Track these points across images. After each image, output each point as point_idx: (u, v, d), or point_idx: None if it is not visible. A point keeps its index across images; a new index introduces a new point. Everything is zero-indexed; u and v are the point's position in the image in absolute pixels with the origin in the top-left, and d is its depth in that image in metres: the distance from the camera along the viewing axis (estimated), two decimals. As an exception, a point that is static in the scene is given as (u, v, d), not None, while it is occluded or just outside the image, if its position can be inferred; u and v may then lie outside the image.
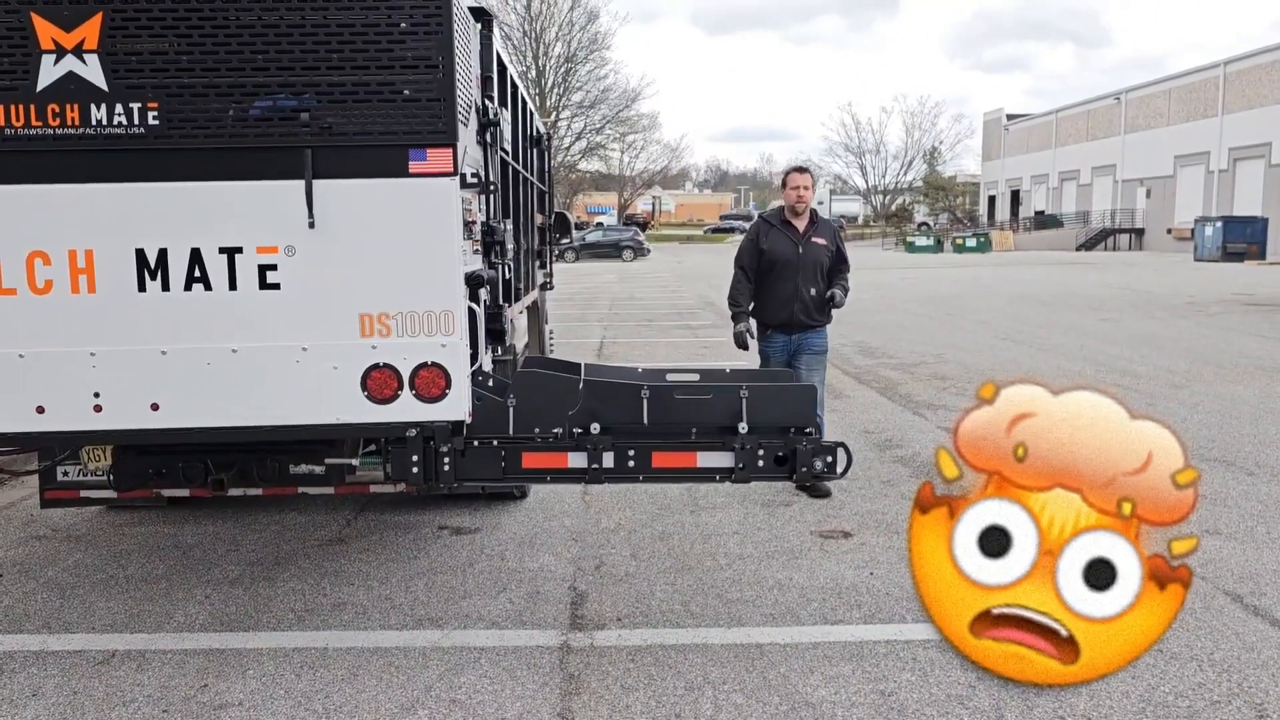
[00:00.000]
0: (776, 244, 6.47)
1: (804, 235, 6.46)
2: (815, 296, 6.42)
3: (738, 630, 4.41)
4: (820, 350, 6.57)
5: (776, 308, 6.46)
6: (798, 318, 6.41)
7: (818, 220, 6.58)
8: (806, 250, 6.42)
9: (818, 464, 3.97)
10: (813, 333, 6.50)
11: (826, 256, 6.49)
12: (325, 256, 3.74)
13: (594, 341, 15.60)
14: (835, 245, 6.57)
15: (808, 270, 6.41)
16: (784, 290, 6.41)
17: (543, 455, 3.99)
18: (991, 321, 17.26)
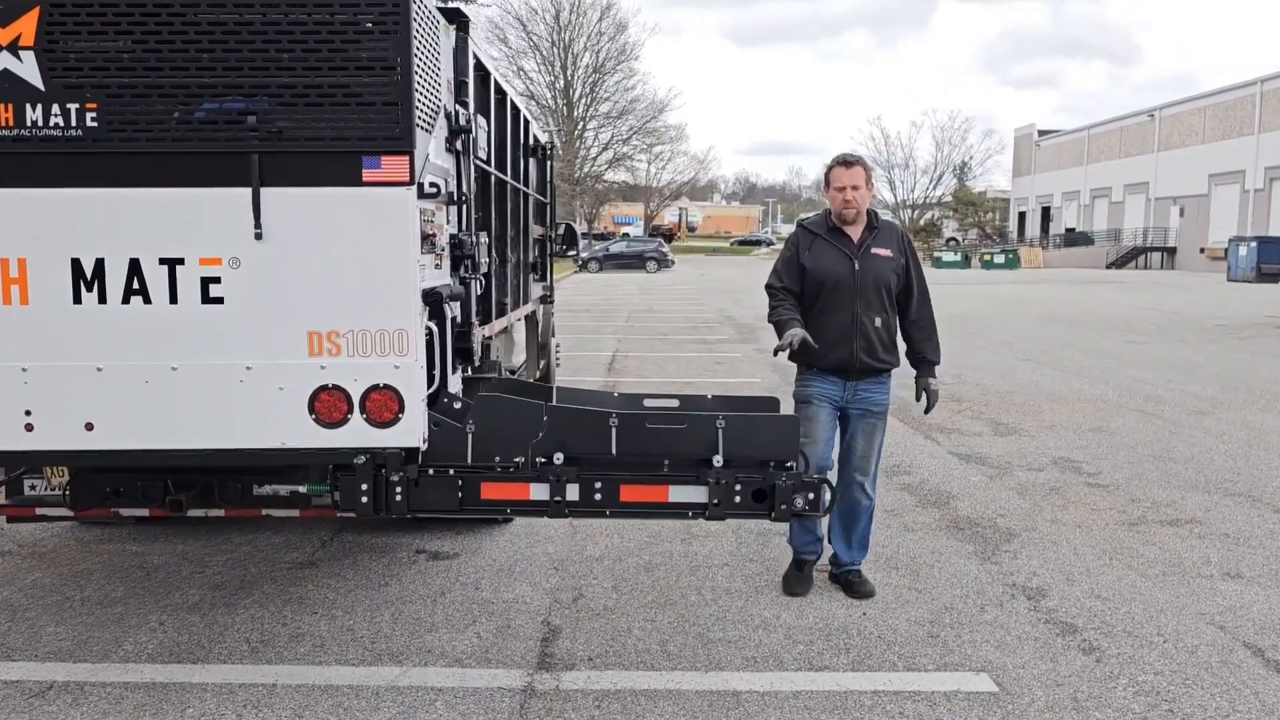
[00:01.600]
0: (824, 259, 4.74)
1: (860, 246, 4.74)
2: (881, 329, 4.72)
3: (715, 675, 4.11)
4: (882, 408, 4.85)
5: (828, 346, 4.66)
6: (859, 359, 4.67)
7: (878, 225, 4.83)
8: (866, 266, 4.71)
9: (798, 501, 3.69)
10: (876, 382, 4.79)
11: (893, 274, 4.77)
12: (272, 270, 3.50)
13: (605, 355, 15.35)
14: (904, 258, 4.82)
15: (869, 293, 4.69)
16: (838, 322, 4.66)
17: (503, 486, 3.72)
18: (1014, 342, 16.86)
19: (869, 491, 4.93)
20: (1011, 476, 7.51)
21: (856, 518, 4.95)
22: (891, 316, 4.82)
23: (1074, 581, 5.23)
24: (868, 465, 4.90)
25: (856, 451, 4.88)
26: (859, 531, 4.98)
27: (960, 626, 4.61)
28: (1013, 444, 8.62)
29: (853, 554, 5.00)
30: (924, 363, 4.96)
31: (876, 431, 4.89)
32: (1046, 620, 4.70)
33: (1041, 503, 6.78)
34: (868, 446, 4.87)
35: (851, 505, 4.93)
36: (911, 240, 5.03)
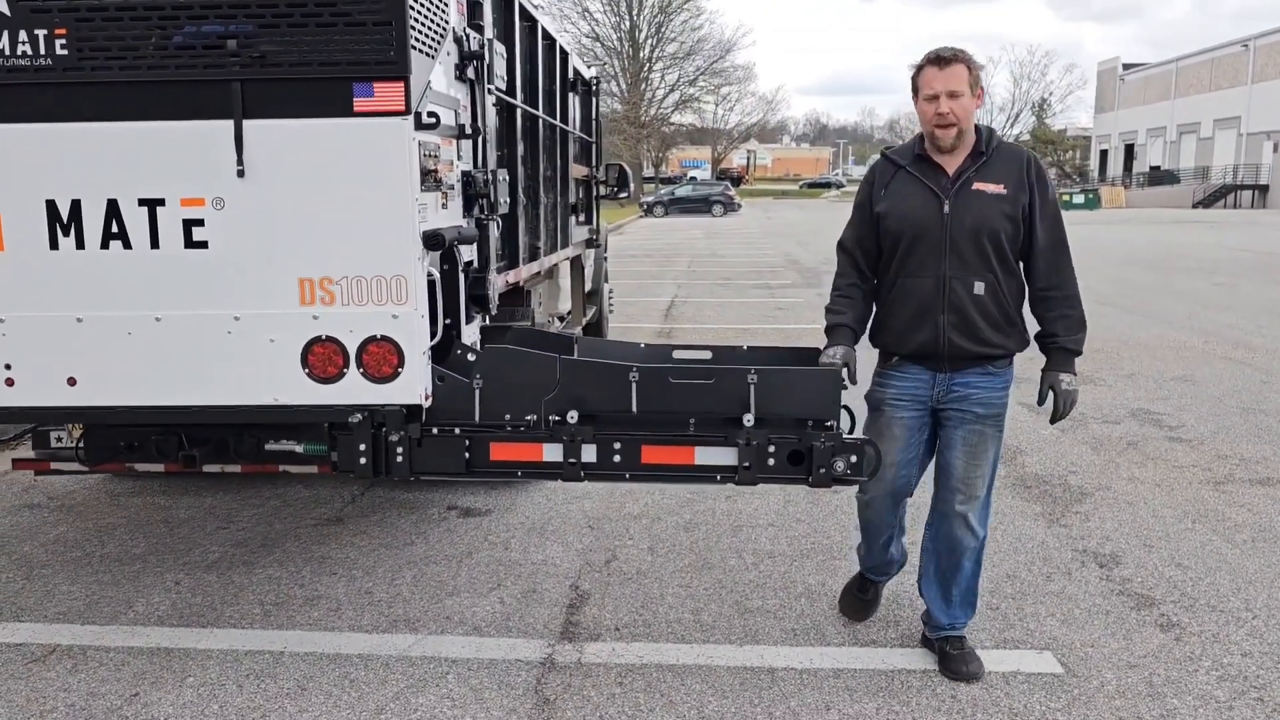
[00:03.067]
0: (903, 200, 3.41)
1: (957, 180, 3.37)
2: (986, 298, 3.35)
3: (750, 649, 3.80)
4: (992, 410, 3.47)
5: (906, 322, 3.44)
6: (949, 342, 3.38)
7: (990, 149, 3.39)
8: (961, 207, 3.33)
9: (839, 465, 3.30)
10: (982, 373, 3.44)
11: (1004, 218, 3.34)
12: (258, 210, 3.20)
13: (664, 300, 15.00)
14: (1028, 195, 3.37)
15: (964, 246, 3.33)
16: (920, 289, 3.39)
17: (514, 446, 3.41)
18: (1092, 285, 16.04)
19: (975, 526, 3.53)
20: (1085, 430, 7.01)
21: (957, 563, 3.59)
22: (1006, 279, 3.37)
23: (1151, 548, 4.78)
24: (973, 489, 3.49)
25: (954, 470, 3.50)
26: (962, 582, 3.61)
27: (1023, 598, 4.22)
28: (1088, 394, 8.08)
29: (953, 613, 3.64)
30: (1056, 350, 3.48)
31: (985, 443, 3.47)
32: (1120, 591, 4.28)
33: (1117, 459, 6.30)
34: (970, 463, 3.47)
35: (950, 545, 3.58)
36: (1044, 170, 3.45)
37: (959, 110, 3.30)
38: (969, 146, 3.41)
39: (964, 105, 3.31)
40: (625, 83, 59.50)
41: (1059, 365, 3.50)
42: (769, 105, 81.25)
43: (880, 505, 3.68)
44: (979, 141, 3.41)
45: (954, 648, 3.61)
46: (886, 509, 3.68)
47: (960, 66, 3.31)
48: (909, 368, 3.50)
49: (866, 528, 3.80)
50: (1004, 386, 3.51)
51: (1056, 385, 3.48)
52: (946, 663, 3.59)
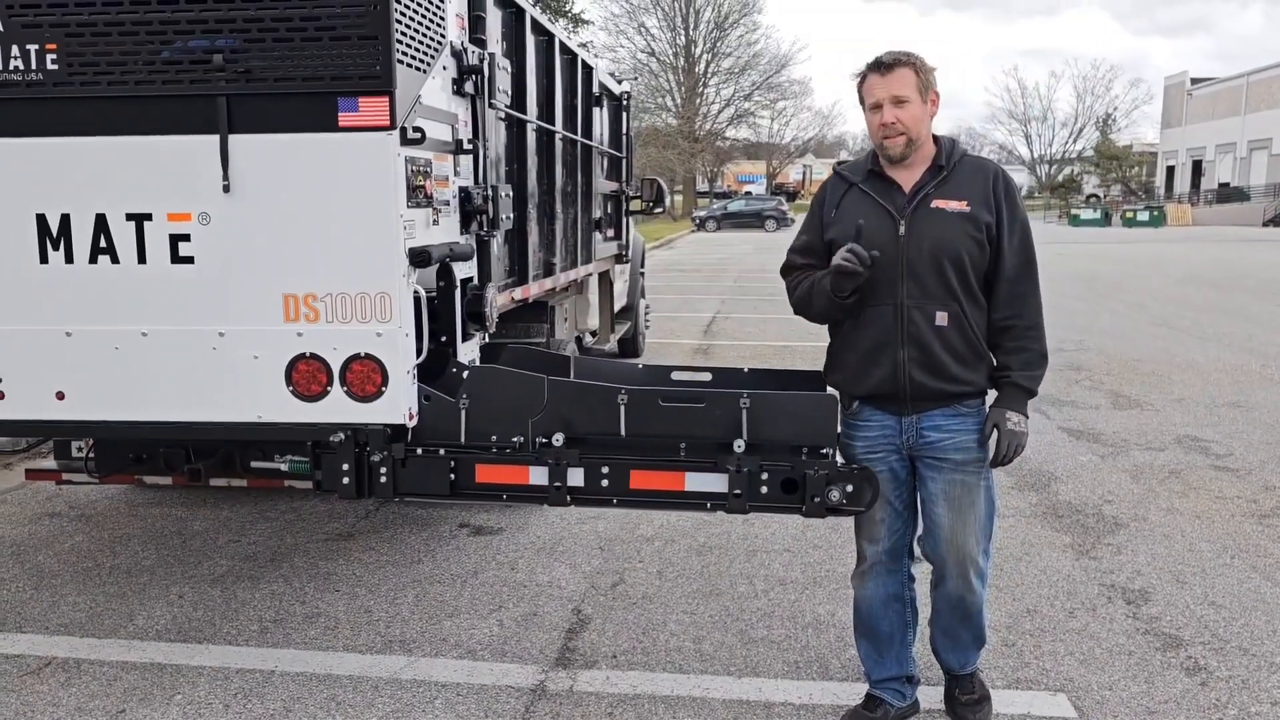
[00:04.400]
0: (853, 219, 3.03)
1: (914, 196, 3.04)
2: (950, 329, 3.02)
3: (748, 681, 3.67)
4: (967, 455, 3.09)
5: (861, 356, 3.10)
6: (908, 375, 3.03)
7: (952, 163, 3.06)
8: (920, 228, 3.00)
9: (834, 494, 3.16)
10: (950, 414, 3.08)
11: (969, 239, 3.00)
12: (243, 226, 3.18)
13: (705, 316, 14.88)
14: (994, 213, 3.03)
15: (923, 271, 2.99)
16: (874, 320, 3.06)
17: (499, 468, 3.33)
18: (1149, 304, 15.62)
19: (975, 584, 3.18)
20: (1127, 457, 6.76)
21: (962, 620, 3.28)
22: (971, 308, 3.04)
23: (1185, 584, 4.56)
24: (966, 547, 3.13)
25: (941, 528, 3.12)
26: (969, 631, 3.32)
27: (1042, 634, 4.04)
28: (1132, 419, 7.81)
29: (964, 656, 3.38)
30: (1007, 385, 3.07)
31: (969, 494, 3.10)
32: (1146, 630, 4.07)
33: (1158, 488, 6.05)
34: (957, 518, 3.10)
35: (951, 605, 3.25)
36: (1012, 185, 3.11)
37: (906, 118, 2.96)
38: (927, 160, 3.06)
39: (912, 113, 2.96)
40: (680, 97, 59.59)
41: (1008, 402, 3.05)
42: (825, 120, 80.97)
43: (880, 572, 3.27)
44: (939, 154, 3.06)
45: (964, 692, 3.38)
46: (888, 575, 3.28)
47: (905, 70, 2.96)
48: (871, 414, 3.16)
49: (869, 618, 3.32)
50: (978, 427, 3.10)
51: (1001, 424, 3.03)
52: (954, 708, 3.38)
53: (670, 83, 59.79)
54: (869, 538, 3.26)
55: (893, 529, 3.22)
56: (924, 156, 3.06)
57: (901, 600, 3.31)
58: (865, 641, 3.38)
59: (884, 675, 3.36)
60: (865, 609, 3.34)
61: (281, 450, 3.84)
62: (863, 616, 3.36)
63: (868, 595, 3.31)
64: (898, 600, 3.30)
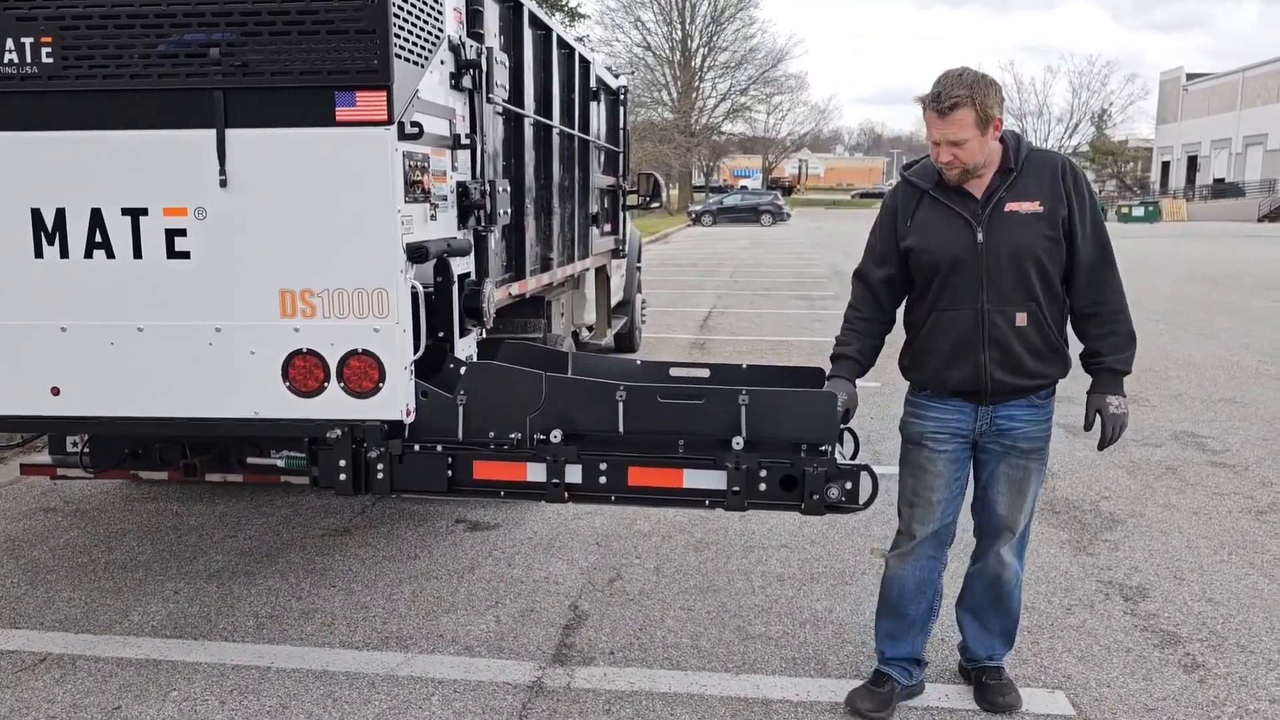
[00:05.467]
0: (932, 230, 3.15)
1: (988, 203, 3.09)
2: (1029, 329, 3.09)
3: (745, 679, 3.66)
4: (1036, 443, 3.23)
5: (943, 359, 3.18)
6: (991, 377, 3.12)
7: (1020, 163, 3.10)
8: (996, 233, 3.07)
9: (833, 491, 3.16)
10: (1026, 405, 3.18)
11: (1043, 238, 3.06)
12: (240, 221, 3.16)
13: (702, 311, 14.87)
14: (1066, 206, 3.08)
15: (1002, 276, 3.07)
16: (958, 324, 3.13)
17: (497, 465, 3.33)
18: (1145, 301, 15.62)
19: (1016, 562, 3.36)
20: (1124, 452, 6.76)
21: (998, 600, 3.42)
22: (1049, 304, 3.10)
23: (1182, 580, 4.56)
24: (1016, 526, 3.30)
25: (998, 507, 3.26)
26: (1001, 614, 3.44)
27: (1039, 631, 4.03)
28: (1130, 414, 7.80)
29: (991, 644, 3.47)
30: (1102, 371, 3.19)
31: (1029, 479, 3.22)
32: (1144, 627, 4.07)
33: (1155, 484, 6.05)
34: (1014, 501, 3.23)
35: (992, 584, 3.40)
36: (1080, 174, 3.16)
37: (964, 155, 3.03)
38: (995, 164, 3.11)
39: (969, 149, 3.02)
40: (676, 91, 59.52)
41: (1106, 387, 3.20)
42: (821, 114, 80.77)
43: (922, 554, 3.33)
44: (1006, 155, 3.11)
45: (991, 678, 3.43)
46: (929, 560, 3.34)
47: (963, 113, 2.96)
48: (949, 400, 3.23)
49: (899, 600, 3.37)
50: (1048, 418, 3.24)
51: (1104, 409, 3.19)
52: (984, 693, 3.41)
53: (666, 77, 59.75)
54: (921, 519, 3.28)
55: (945, 512, 3.28)
56: (991, 162, 3.11)
57: (934, 588, 3.39)
58: (888, 621, 3.43)
59: (897, 654, 3.43)
60: (896, 590, 3.38)
61: (278, 446, 3.82)
62: (892, 597, 3.40)
63: (903, 577, 3.36)
64: (930, 587, 3.37)
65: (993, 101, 2.99)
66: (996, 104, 3.01)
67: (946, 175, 3.10)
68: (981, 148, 3.03)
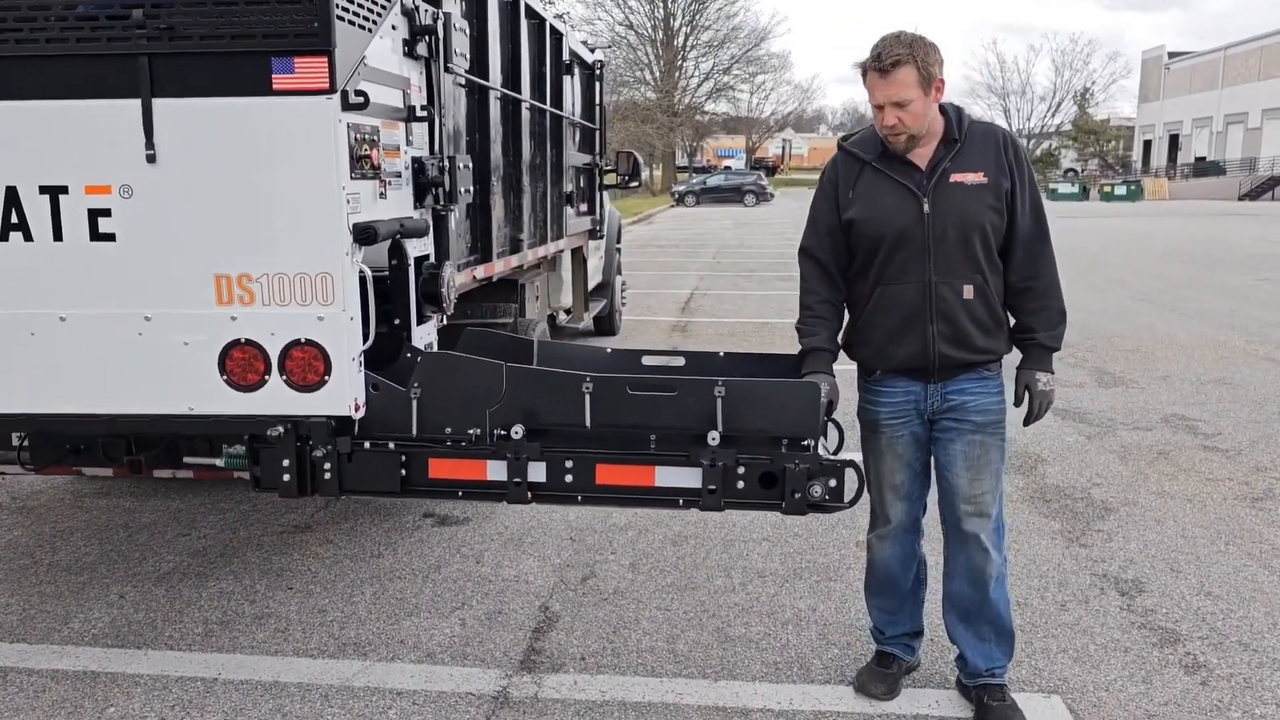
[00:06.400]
0: (876, 202, 3.04)
1: (934, 172, 2.99)
2: (975, 301, 3.02)
3: (724, 685, 3.45)
4: (990, 416, 3.10)
5: (889, 334, 3.08)
6: (939, 352, 3.03)
7: (963, 134, 3.01)
8: (942, 204, 2.98)
9: (816, 490, 2.94)
10: (975, 378, 3.09)
11: (989, 209, 2.98)
12: (169, 199, 2.89)
13: (684, 293, 14.64)
14: (1009, 179, 3.01)
15: (950, 247, 2.98)
16: (903, 298, 3.04)
17: (454, 463, 3.08)
18: (1129, 280, 15.50)
19: (991, 548, 3.15)
20: (1114, 436, 6.58)
21: (983, 595, 3.19)
22: (993, 276, 3.04)
23: (1179, 573, 4.37)
24: (982, 505, 3.12)
25: (959, 489, 3.11)
26: (991, 616, 3.21)
27: (1033, 630, 3.83)
28: (1118, 397, 7.63)
29: (989, 654, 3.23)
30: (1033, 347, 3.13)
31: (987, 454, 3.09)
32: (1142, 625, 3.88)
33: (1146, 470, 5.87)
34: (975, 479, 3.09)
35: (971, 575, 3.19)
36: (1020, 147, 3.09)
37: (908, 119, 2.93)
38: (938, 134, 3.03)
39: (914, 111, 2.92)
40: (659, 70, 59.03)
41: (1036, 363, 3.16)
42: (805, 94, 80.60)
43: (901, 534, 3.26)
44: (949, 126, 3.03)
45: (994, 698, 3.19)
46: (907, 535, 3.28)
47: (905, 70, 2.88)
48: (896, 380, 3.15)
49: (887, 578, 3.33)
50: (999, 390, 3.15)
51: (1033, 385, 3.14)
52: (986, 715, 3.17)
53: (649, 56, 59.23)
54: (892, 503, 3.23)
55: (912, 492, 3.23)
56: (934, 133, 3.03)
57: (918, 558, 3.36)
58: (881, 599, 3.41)
59: (897, 632, 3.41)
60: (883, 570, 3.34)
61: (217, 445, 3.55)
62: (879, 577, 3.37)
63: (887, 557, 3.31)
64: (913, 558, 3.34)
65: (934, 60, 2.93)
66: (937, 64, 2.94)
67: (891, 143, 3.01)
68: (925, 110, 2.94)
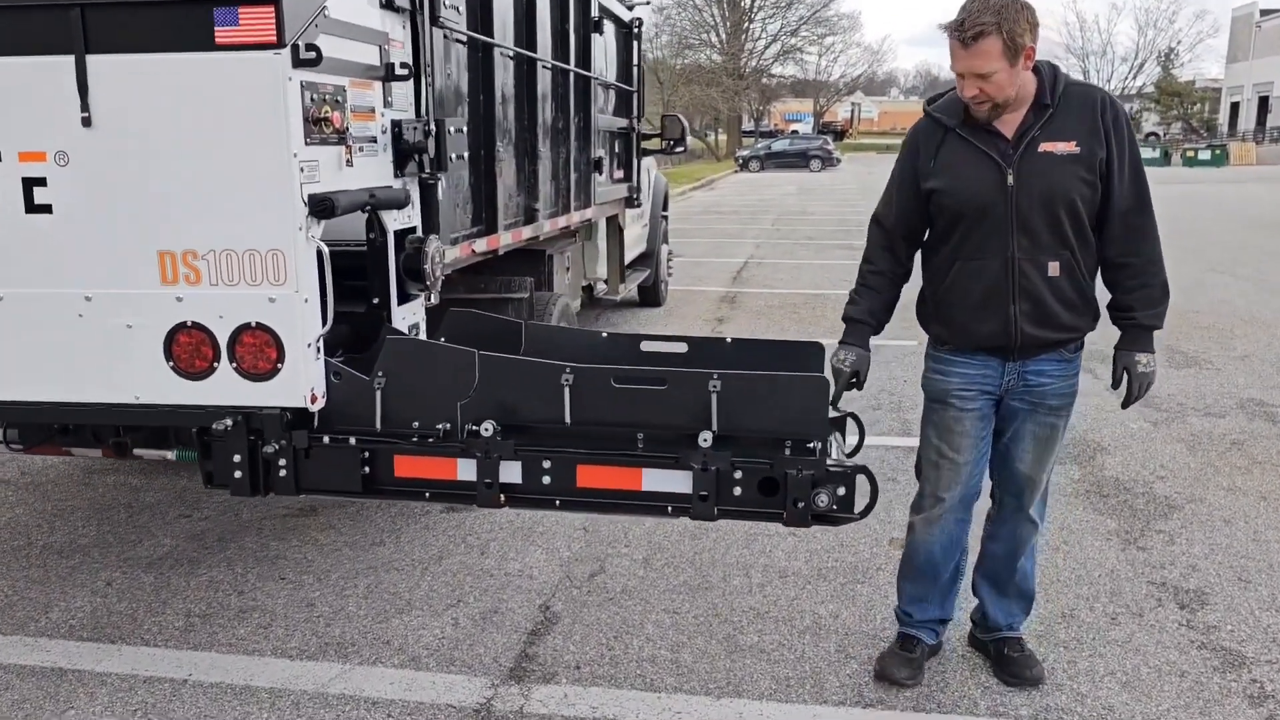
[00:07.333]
0: (957, 171, 2.85)
1: (1020, 142, 2.78)
2: (1061, 278, 2.83)
3: (727, 704, 3.14)
4: (1064, 399, 2.99)
5: (969, 312, 2.92)
6: (1021, 331, 2.86)
7: (1056, 98, 2.78)
8: (1028, 176, 2.76)
9: (822, 499, 2.60)
10: (1055, 359, 2.93)
11: (1079, 181, 2.76)
12: (109, 168, 2.64)
13: (737, 262, 14.22)
14: (1105, 147, 2.77)
15: (1035, 221, 2.78)
16: (985, 273, 2.85)
17: (422, 461, 2.80)
18: (1206, 250, 14.67)
19: (1037, 519, 3.17)
20: (1183, 423, 6.09)
21: (1015, 562, 3.22)
22: (1083, 253, 2.84)
23: (1248, 583, 3.94)
24: (1037, 484, 3.09)
25: (1021, 465, 3.04)
26: (1019, 578, 3.24)
27: (1079, 647, 3.46)
28: (1190, 379, 7.10)
29: (1010, 609, 3.27)
30: (1132, 327, 2.94)
31: (1055, 436, 3.01)
32: (1202, 644, 3.48)
33: (1217, 461, 5.39)
34: (1039, 459, 3.02)
35: (1011, 545, 3.20)
36: (1121, 112, 2.84)
37: (991, 89, 2.73)
38: (1029, 98, 2.81)
39: (998, 83, 2.71)
40: (725, 32, 57.98)
41: (1136, 344, 2.98)
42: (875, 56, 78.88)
43: (950, 517, 3.14)
44: (1041, 89, 2.80)
45: (1013, 649, 3.24)
46: (956, 522, 3.16)
47: (989, 42, 2.66)
48: (973, 354, 3.00)
49: (928, 564, 3.20)
50: (1077, 372, 3.03)
51: (1132, 367, 2.98)
52: (1006, 666, 3.20)
53: (715, 17, 58.16)
54: (948, 482, 3.09)
55: (972, 474, 3.10)
56: (1024, 98, 2.81)
57: (961, 548, 3.24)
58: (915, 584, 3.28)
59: (925, 617, 3.29)
60: (924, 556, 3.22)
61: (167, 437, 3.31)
62: (920, 562, 3.24)
63: (930, 542, 3.18)
64: (958, 547, 3.22)
65: (1023, 28, 2.68)
66: (1028, 30, 2.70)
67: (974, 111, 2.81)
68: (1011, 80, 2.73)
